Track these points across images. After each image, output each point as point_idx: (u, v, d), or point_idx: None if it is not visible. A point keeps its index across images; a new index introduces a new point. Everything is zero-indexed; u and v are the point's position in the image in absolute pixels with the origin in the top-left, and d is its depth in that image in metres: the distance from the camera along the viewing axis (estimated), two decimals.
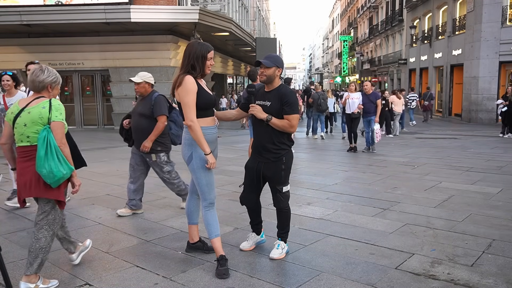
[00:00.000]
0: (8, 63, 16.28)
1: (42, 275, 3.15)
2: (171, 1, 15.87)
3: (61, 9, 14.65)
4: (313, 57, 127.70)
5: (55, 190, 3.05)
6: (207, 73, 3.41)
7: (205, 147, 3.25)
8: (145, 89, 4.78)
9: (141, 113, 4.75)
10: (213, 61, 3.42)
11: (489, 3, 18.44)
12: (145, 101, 4.78)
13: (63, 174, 2.97)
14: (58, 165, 2.94)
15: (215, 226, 3.41)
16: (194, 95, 3.24)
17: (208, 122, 3.37)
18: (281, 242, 3.64)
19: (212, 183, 3.40)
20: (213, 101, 3.40)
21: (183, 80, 3.24)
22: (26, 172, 3.02)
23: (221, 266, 3.31)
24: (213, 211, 3.43)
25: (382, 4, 37.91)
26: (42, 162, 2.89)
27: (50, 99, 3.05)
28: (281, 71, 3.54)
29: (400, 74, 32.32)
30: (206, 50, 3.32)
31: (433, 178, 6.92)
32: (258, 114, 3.41)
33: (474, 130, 15.74)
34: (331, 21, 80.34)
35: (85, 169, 8.09)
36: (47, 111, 2.98)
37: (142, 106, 4.76)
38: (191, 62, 3.29)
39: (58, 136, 2.98)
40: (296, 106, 3.48)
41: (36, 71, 3.06)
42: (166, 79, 16.07)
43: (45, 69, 3.10)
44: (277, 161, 3.49)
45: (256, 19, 39.61)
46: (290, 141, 3.58)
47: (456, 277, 3.24)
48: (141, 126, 4.75)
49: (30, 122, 2.97)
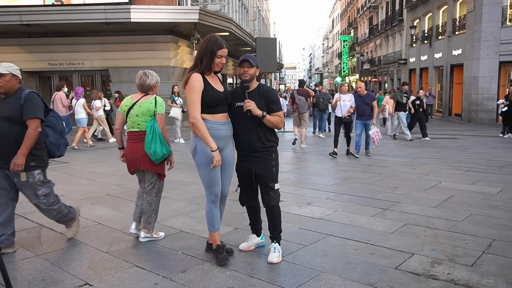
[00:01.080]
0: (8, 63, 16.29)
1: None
2: (171, 1, 15.87)
3: (61, 9, 14.65)
4: (313, 57, 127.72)
5: (157, 165, 3.93)
6: (216, 70, 3.38)
7: (211, 143, 3.23)
8: (11, 84, 3.64)
9: (5, 116, 3.59)
10: (223, 60, 3.38)
11: (489, 3, 18.45)
12: (10, 100, 3.64)
13: (164, 153, 3.85)
14: (160, 147, 3.81)
15: (216, 221, 3.52)
16: (197, 92, 3.24)
17: (217, 118, 3.36)
18: (276, 244, 3.61)
19: (215, 180, 3.39)
20: (222, 98, 3.37)
21: (188, 78, 3.28)
22: (136, 151, 3.91)
23: (220, 254, 3.45)
24: (216, 207, 3.49)
25: (382, 4, 37.92)
26: (149, 144, 3.79)
27: (155, 96, 4.02)
28: (259, 71, 3.57)
29: (400, 74, 32.32)
30: (216, 46, 3.30)
31: (433, 178, 6.92)
32: (255, 111, 3.36)
33: (474, 130, 15.73)
34: (331, 21, 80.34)
35: (85, 169, 8.14)
36: (154, 106, 3.92)
37: (8, 108, 3.60)
38: (201, 56, 3.31)
39: (161, 125, 3.89)
40: (280, 102, 3.57)
41: (142, 77, 4.00)
42: (166, 79, 16.07)
43: (149, 74, 4.04)
44: (267, 158, 3.50)
45: (256, 19, 39.61)
46: (276, 138, 3.60)
47: (456, 277, 3.24)
48: (5, 134, 3.58)
49: (140, 113, 3.90)
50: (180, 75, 17.09)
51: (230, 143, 3.54)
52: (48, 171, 3.91)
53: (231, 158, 3.55)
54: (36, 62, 16.54)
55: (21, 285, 3.18)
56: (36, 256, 3.74)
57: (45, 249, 3.91)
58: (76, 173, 7.66)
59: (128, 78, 16.31)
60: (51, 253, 3.82)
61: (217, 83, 3.42)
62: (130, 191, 6.20)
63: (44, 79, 17.66)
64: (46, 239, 4.19)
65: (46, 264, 3.58)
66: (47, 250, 3.89)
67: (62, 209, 4.00)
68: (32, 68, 16.68)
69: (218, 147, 3.31)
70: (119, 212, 5.14)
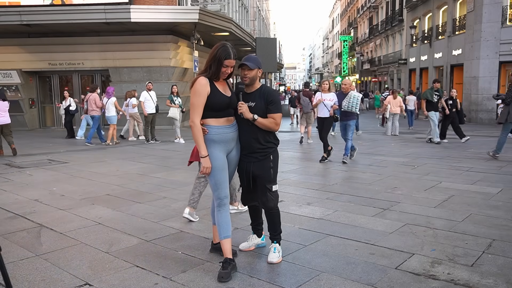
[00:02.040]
0: (8, 63, 16.30)
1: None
2: (171, 1, 15.87)
3: (61, 9, 14.65)
4: (313, 57, 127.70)
5: None
6: (222, 78, 3.37)
7: (201, 149, 3.26)
8: None
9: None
10: (229, 70, 3.36)
11: (489, 3, 18.45)
12: None
13: None
14: None
15: (225, 228, 3.36)
16: (200, 97, 3.24)
17: (221, 122, 3.36)
18: (276, 245, 3.60)
19: (221, 182, 3.36)
20: (228, 103, 3.36)
21: (194, 81, 3.30)
22: None
23: (223, 269, 3.26)
24: (224, 212, 3.38)
25: (382, 4, 37.92)
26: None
27: None
28: (262, 71, 3.55)
29: (400, 74, 32.33)
30: (224, 55, 3.28)
31: (433, 178, 6.92)
32: (245, 114, 3.37)
33: (474, 130, 15.73)
34: (331, 21, 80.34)
35: (85, 169, 8.14)
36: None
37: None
38: (210, 62, 3.32)
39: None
40: (280, 105, 3.52)
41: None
42: (166, 79, 16.08)
43: None
44: (264, 159, 3.49)
45: (256, 19, 39.62)
46: (276, 140, 3.59)
47: (456, 277, 3.24)
48: None
49: None
50: (180, 75, 17.09)
51: (238, 144, 3.53)
52: (49, 171, 3.92)
53: (237, 159, 3.55)
54: (36, 62, 16.55)
55: (21, 285, 3.18)
56: (36, 256, 3.74)
57: (45, 249, 3.91)
58: (76, 173, 7.66)
59: (128, 78, 16.32)
60: (51, 253, 3.81)
61: (225, 88, 3.42)
62: (130, 191, 6.20)
63: (44, 79, 17.66)
64: (46, 239, 4.19)
65: (46, 264, 3.58)
66: (47, 250, 3.88)
67: None
68: (32, 68, 16.69)
69: (227, 149, 3.36)
70: (119, 212, 5.14)
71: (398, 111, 14.41)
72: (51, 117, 18.01)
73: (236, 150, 3.50)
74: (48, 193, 6.19)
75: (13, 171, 7.89)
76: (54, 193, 6.19)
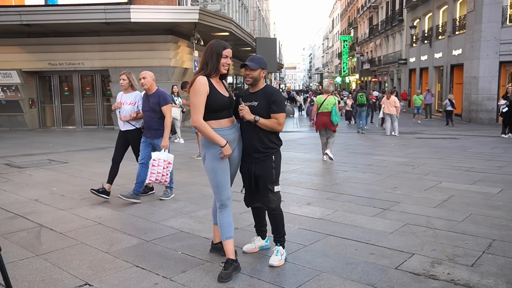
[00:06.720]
0: (8, 63, 16.29)
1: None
2: (171, 1, 15.86)
3: (61, 9, 14.63)
4: (313, 57, 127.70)
5: (334, 126, 8.65)
6: (223, 72, 3.36)
7: (218, 140, 3.23)
8: None
9: None
10: (229, 60, 3.37)
11: (489, 3, 18.45)
12: None
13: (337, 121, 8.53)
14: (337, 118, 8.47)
15: (227, 229, 3.36)
16: (201, 96, 3.22)
17: (223, 123, 3.34)
18: (279, 247, 3.57)
19: (222, 185, 3.34)
20: (227, 103, 3.36)
21: (193, 81, 3.27)
22: (327, 120, 8.60)
23: (224, 269, 3.26)
24: (226, 213, 3.37)
25: (382, 4, 37.92)
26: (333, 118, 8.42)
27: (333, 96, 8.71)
28: (266, 72, 3.54)
29: (400, 74, 32.33)
30: (221, 47, 3.29)
31: (433, 178, 6.92)
32: (246, 116, 3.37)
33: (474, 130, 15.74)
34: (331, 21, 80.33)
35: (85, 169, 8.14)
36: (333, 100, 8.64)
37: None
38: (206, 59, 3.31)
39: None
40: (283, 105, 3.50)
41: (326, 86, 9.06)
42: (166, 79, 16.06)
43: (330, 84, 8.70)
44: (266, 159, 3.48)
45: (256, 19, 39.60)
46: (278, 141, 3.58)
47: (456, 277, 3.24)
48: None
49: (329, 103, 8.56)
50: (180, 75, 17.08)
51: (240, 144, 3.53)
52: (49, 171, 3.92)
53: (239, 159, 3.54)
54: (36, 62, 16.54)
55: (21, 285, 3.18)
56: (36, 256, 3.74)
57: (45, 249, 3.91)
58: (76, 173, 7.66)
59: None
60: (51, 253, 3.81)
61: (222, 88, 3.41)
62: (130, 191, 6.19)
63: (44, 79, 17.65)
64: (46, 239, 4.19)
65: (46, 264, 3.58)
66: (47, 250, 3.88)
67: None
68: (32, 68, 16.68)
69: None
70: (119, 212, 5.14)
71: (393, 112, 14.16)
72: (51, 117, 18.01)
73: (238, 150, 3.49)
74: (48, 193, 6.19)
75: (13, 171, 7.89)
76: (54, 193, 6.19)
